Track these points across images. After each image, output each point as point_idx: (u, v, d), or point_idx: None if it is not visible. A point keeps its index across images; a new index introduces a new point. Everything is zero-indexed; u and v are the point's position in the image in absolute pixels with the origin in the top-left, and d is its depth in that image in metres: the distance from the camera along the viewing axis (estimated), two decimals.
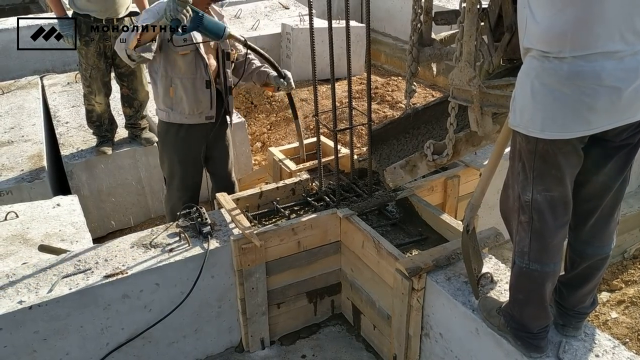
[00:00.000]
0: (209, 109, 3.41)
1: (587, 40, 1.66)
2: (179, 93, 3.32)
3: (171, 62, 3.26)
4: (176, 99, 3.34)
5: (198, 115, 3.40)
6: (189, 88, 3.31)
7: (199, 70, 3.30)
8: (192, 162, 3.57)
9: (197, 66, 3.29)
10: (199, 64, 3.29)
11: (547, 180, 1.88)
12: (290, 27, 6.68)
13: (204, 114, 3.41)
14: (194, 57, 3.27)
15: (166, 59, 3.26)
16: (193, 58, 3.27)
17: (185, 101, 3.34)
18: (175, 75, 3.29)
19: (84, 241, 3.26)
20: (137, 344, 2.80)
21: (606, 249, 2.10)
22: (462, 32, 2.35)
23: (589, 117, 1.74)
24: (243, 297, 2.95)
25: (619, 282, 4.12)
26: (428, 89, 6.78)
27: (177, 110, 3.37)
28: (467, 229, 2.40)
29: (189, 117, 3.39)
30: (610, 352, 2.15)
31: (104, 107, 4.47)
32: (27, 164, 4.30)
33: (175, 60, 3.25)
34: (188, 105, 3.35)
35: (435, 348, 2.67)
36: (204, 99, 3.37)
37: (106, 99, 4.46)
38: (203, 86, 3.33)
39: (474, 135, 2.70)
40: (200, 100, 3.36)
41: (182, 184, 3.61)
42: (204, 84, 3.33)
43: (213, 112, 3.43)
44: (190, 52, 3.25)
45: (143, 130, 4.69)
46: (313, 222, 3.01)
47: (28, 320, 2.49)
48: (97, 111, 4.46)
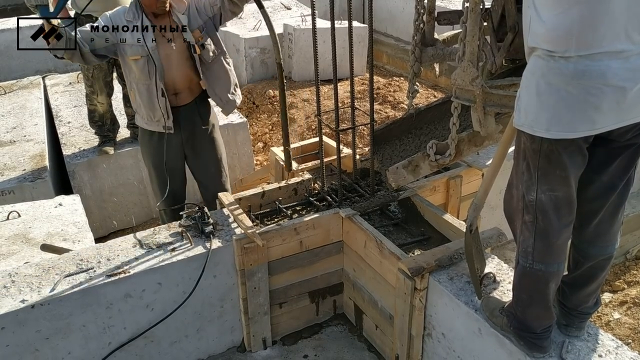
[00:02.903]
0: (165, 118, 3.22)
1: (592, 39, 1.66)
2: (137, 98, 3.22)
3: (127, 66, 3.16)
4: (136, 103, 3.25)
5: (156, 123, 3.26)
6: (144, 94, 3.17)
7: (153, 78, 3.13)
8: (168, 169, 3.40)
9: (150, 73, 3.12)
10: (152, 70, 3.11)
11: (552, 180, 1.88)
12: (292, 27, 6.68)
13: (160, 123, 3.25)
14: (146, 62, 3.11)
15: (123, 62, 3.15)
16: (145, 63, 3.11)
17: (142, 107, 3.22)
18: (132, 79, 3.18)
19: (86, 241, 3.26)
20: (139, 343, 2.80)
21: (610, 249, 2.10)
22: (464, 32, 2.35)
23: (594, 116, 1.73)
24: (245, 297, 2.95)
25: (621, 283, 4.11)
26: (430, 89, 6.78)
27: (139, 114, 3.29)
28: (470, 229, 2.40)
29: (149, 124, 3.29)
30: (613, 352, 2.14)
31: (106, 107, 4.48)
32: (29, 163, 4.31)
33: (130, 64, 3.13)
34: (145, 112, 3.23)
35: (438, 348, 2.67)
36: (159, 109, 3.19)
37: (108, 99, 4.47)
38: (158, 94, 3.15)
39: (477, 136, 2.69)
40: (155, 108, 3.19)
41: (159, 190, 3.57)
42: (159, 91, 3.15)
43: (170, 122, 3.24)
44: (141, 57, 3.09)
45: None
46: (315, 222, 3.01)
47: (30, 320, 2.49)
48: (99, 111, 4.47)
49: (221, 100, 3.36)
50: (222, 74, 3.30)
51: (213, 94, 3.35)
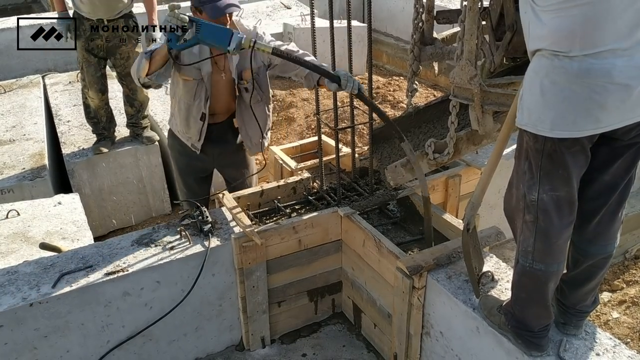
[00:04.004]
0: (197, 140, 3.18)
1: (596, 38, 1.65)
2: (176, 110, 3.19)
3: (175, 79, 3.07)
4: (174, 111, 3.22)
5: (187, 139, 3.23)
6: (183, 111, 3.11)
7: (198, 101, 3.05)
8: (191, 177, 3.42)
9: (197, 96, 3.04)
10: (200, 94, 3.03)
11: (554, 179, 1.87)
12: (292, 26, 6.68)
13: (190, 140, 3.21)
14: (196, 86, 3.02)
15: (174, 74, 3.05)
16: (194, 86, 3.02)
17: (178, 119, 3.19)
18: (177, 92, 3.12)
19: (85, 239, 3.27)
20: (137, 341, 2.80)
21: (609, 248, 2.09)
22: (463, 31, 2.35)
23: (599, 115, 1.73)
24: (244, 296, 2.95)
25: (620, 282, 4.11)
26: (430, 88, 6.78)
27: (174, 121, 3.26)
28: (468, 228, 2.40)
29: (181, 134, 3.25)
30: (611, 350, 2.14)
31: (97, 102, 4.43)
32: (28, 162, 4.31)
33: (178, 81, 3.05)
34: (180, 125, 3.20)
35: (436, 347, 2.67)
36: (194, 128, 3.14)
37: (99, 95, 4.41)
38: (198, 117, 3.09)
39: (475, 134, 2.69)
40: (190, 126, 3.15)
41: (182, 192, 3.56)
42: (199, 115, 3.08)
43: (199, 145, 3.19)
44: (193, 80, 3.00)
45: (144, 129, 4.70)
46: (314, 221, 3.01)
47: (29, 317, 2.49)
48: (91, 106, 4.47)
49: (251, 142, 3.28)
50: (259, 117, 3.16)
51: (245, 134, 3.26)
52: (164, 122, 4.93)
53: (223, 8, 2.77)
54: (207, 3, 2.76)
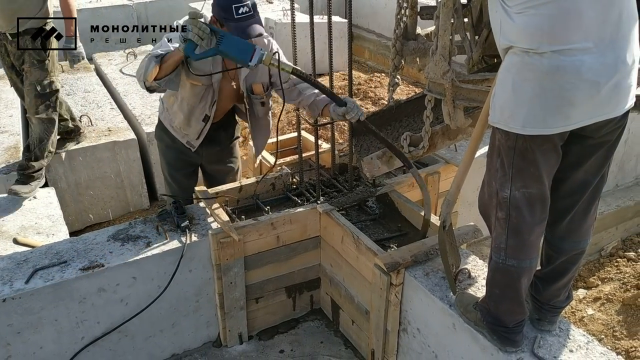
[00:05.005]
0: (194, 139, 3.17)
1: (563, 35, 1.68)
2: (176, 106, 3.11)
3: (182, 80, 2.96)
4: (173, 108, 3.14)
5: (182, 135, 3.19)
6: (185, 111, 3.06)
7: (203, 104, 3.02)
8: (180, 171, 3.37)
9: (203, 99, 3.01)
10: (206, 98, 3.01)
11: (526, 177, 1.89)
12: (274, 21, 6.66)
13: (187, 138, 3.18)
14: (203, 90, 2.98)
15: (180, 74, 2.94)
16: (202, 91, 2.98)
17: (177, 116, 3.12)
18: (181, 93, 3.03)
19: (61, 234, 3.23)
20: (113, 338, 2.77)
21: (583, 244, 2.12)
22: (437, 26, 2.36)
23: (568, 112, 1.75)
24: (221, 292, 2.94)
25: (595, 280, 4.17)
26: (411, 85, 6.81)
27: (169, 116, 3.19)
28: (444, 225, 2.41)
29: (175, 131, 3.20)
30: (584, 347, 2.17)
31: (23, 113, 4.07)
32: (3, 155, 4.24)
33: (185, 83, 2.97)
34: (177, 122, 3.14)
35: (413, 343, 2.68)
36: (194, 128, 3.12)
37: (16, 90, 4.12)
38: (200, 118, 3.07)
39: (450, 129, 2.70)
40: (190, 126, 3.11)
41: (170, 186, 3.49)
42: (202, 116, 3.07)
43: (196, 143, 3.18)
44: (202, 85, 2.94)
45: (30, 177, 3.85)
46: (293, 217, 3.00)
47: (2, 313, 2.45)
48: None
49: (257, 147, 3.36)
50: (267, 127, 3.28)
51: (254, 142, 3.35)
52: (143, 117, 4.88)
53: (250, 33, 2.66)
54: (232, 21, 2.65)
